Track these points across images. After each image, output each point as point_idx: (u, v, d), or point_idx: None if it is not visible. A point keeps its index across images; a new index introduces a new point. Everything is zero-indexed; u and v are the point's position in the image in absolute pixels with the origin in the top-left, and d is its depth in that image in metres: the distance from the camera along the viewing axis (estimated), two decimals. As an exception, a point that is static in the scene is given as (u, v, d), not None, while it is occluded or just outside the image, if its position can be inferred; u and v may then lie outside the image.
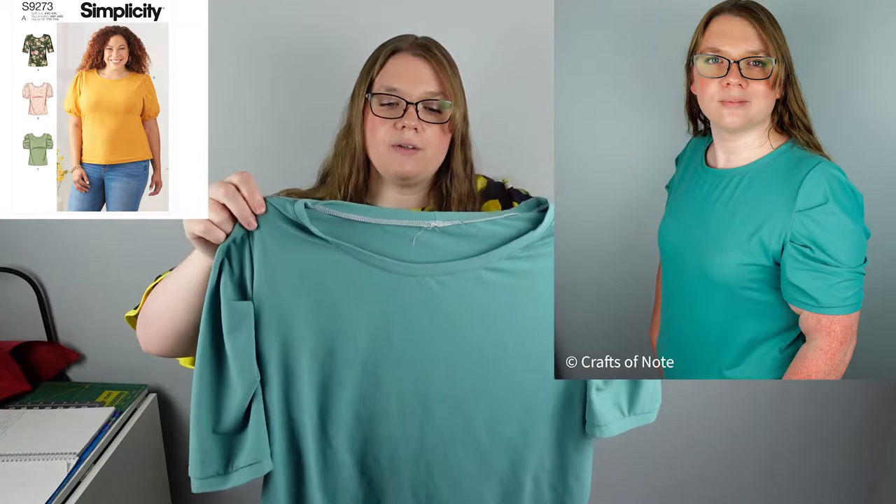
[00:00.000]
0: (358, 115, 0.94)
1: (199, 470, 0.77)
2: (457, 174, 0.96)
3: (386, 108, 0.91)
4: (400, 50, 0.93)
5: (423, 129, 0.90)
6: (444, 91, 0.92)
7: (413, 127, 0.89)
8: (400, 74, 0.91)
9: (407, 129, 0.89)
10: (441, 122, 0.92)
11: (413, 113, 0.90)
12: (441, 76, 0.92)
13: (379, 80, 0.92)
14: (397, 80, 0.91)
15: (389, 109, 0.91)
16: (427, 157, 0.92)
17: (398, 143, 0.90)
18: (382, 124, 0.91)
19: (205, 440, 0.76)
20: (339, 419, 0.80)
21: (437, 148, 0.93)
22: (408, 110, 0.90)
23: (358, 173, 0.96)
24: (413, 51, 0.93)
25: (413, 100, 0.90)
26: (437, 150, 0.93)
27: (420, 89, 0.90)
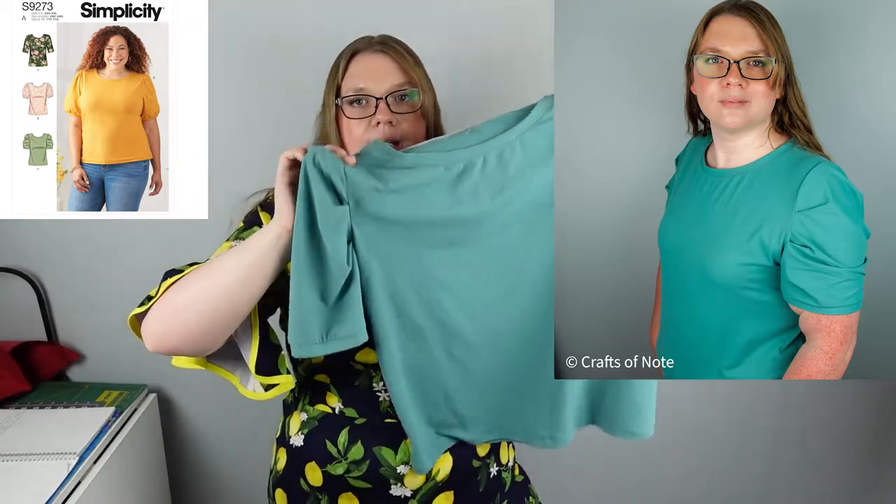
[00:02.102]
0: (332, 123, 0.94)
1: (300, 336, 0.79)
2: None
3: (357, 109, 0.92)
4: (359, 51, 0.94)
5: (397, 121, 0.91)
6: (409, 80, 0.93)
7: (388, 121, 0.90)
8: (364, 74, 0.92)
9: (382, 125, 0.90)
10: (413, 110, 0.92)
11: (384, 107, 0.90)
12: (405, 66, 0.93)
13: (345, 84, 0.93)
14: (362, 80, 0.92)
15: (361, 109, 0.91)
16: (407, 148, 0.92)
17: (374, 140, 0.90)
18: (357, 125, 0.91)
19: (305, 310, 0.79)
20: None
21: (414, 138, 0.93)
22: (378, 106, 0.90)
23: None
24: (372, 48, 0.94)
25: (381, 94, 0.91)
26: (414, 140, 0.93)
27: (386, 84, 0.91)
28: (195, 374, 1.52)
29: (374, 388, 0.95)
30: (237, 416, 1.54)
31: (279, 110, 1.38)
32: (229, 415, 1.54)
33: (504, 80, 1.34)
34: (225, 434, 1.59)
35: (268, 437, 1.56)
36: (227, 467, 1.62)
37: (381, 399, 0.96)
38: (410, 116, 0.92)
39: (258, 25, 1.33)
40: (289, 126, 1.39)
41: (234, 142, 1.37)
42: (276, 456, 1.04)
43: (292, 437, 1.00)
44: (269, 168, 1.39)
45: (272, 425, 1.47)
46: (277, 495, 1.02)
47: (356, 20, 1.32)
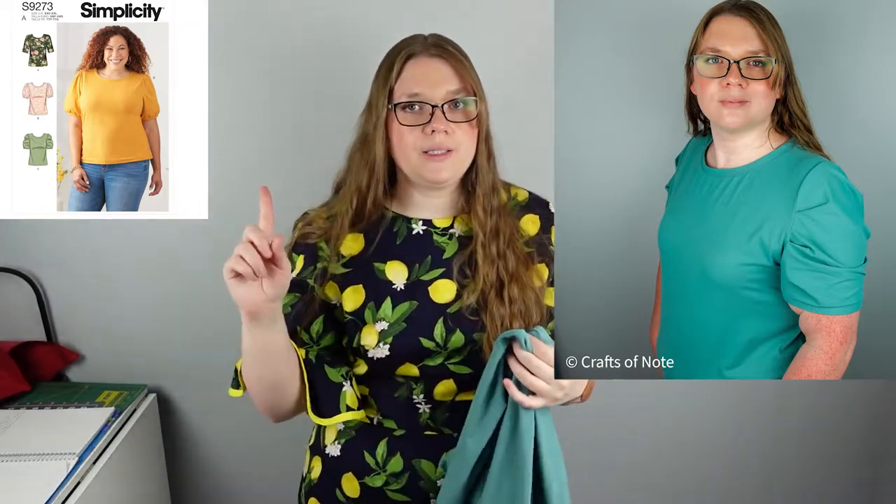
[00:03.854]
0: (379, 127, 0.91)
1: None
2: (481, 169, 0.94)
3: (411, 115, 0.89)
4: (415, 54, 0.91)
5: (452, 130, 0.89)
6: (465, 87, 0.90)
7: (443, 130, 0.88)
8: (420, 78, 0.89)
9: (437, 133, 0.88)
10: (468, 119, 0.90)
11: (440, 115, 0.88)
12: (461, 72, 0.90)
13: (399, 87, 0.90)
14: (418, 85, 0.89)
15: (415, 116, 0.89)
16: (461, 158, 0.91)
17: (430, 148, 0.88)
18: (410, 132, 0.89)
19: None
20: None
21: (468, 147, 0.91)
22: (434, 114, 0.88)
23: (377, 185, 0.93)
24: (428, 52, 0.91)
25: (437, 102, 0.88)
26: (468, 149, 0.92)
27: (442, 90, 0.89)
28: (195, 375, 1.52)
29: (413, 399, 0.94)
30: (237, 416, 1.54)
31: (279, 110, 1.38)
32: (229, 415, 1.54)
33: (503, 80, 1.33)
34: (225, 434, 1.59)
35: (267, 438, 1.57)
36: (227, 467, 1.62)
37: (421, 411, 0.94)
38: (465, 125, 0.90)
39: (258, 25, 1.33)
40: (289, 126, 1.40)
41: (235, 142, 1.37)
42: (311, 464, 1.02)
43: (328, 447, 0.99)
44: (269, 168, 1.40)
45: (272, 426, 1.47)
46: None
47: (356, 20, 1.33)
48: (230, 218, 1.41)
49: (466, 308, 0.91)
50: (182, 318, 1.49)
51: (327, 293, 0.94)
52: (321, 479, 0.99)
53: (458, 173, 0.92)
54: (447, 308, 0.92)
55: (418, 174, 0.91)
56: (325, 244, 0.95)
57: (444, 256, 0.95)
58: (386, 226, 0.96)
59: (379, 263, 0.94)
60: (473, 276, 0.93)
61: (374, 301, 0.92)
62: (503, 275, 0.92)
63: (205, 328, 1.49)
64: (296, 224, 1.00)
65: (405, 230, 0.96)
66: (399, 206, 0.98)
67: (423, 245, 0.96)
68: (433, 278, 0.94)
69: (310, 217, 0.99)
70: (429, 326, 0.91)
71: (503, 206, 0.97)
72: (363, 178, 0.94)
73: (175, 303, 1.48)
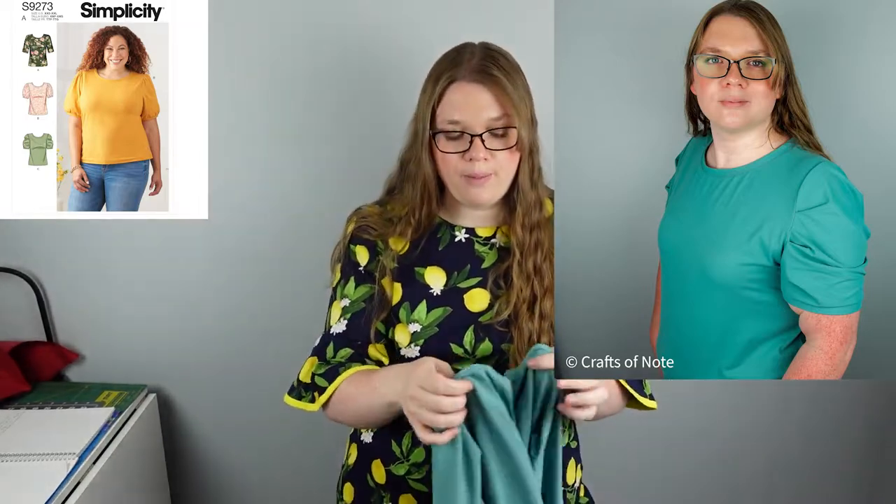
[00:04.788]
0: (425, 146, 0.93)
1: None
2: (523, 187, 0.95)
3: (452, 143, 0.90)
4: (456, 79, 0.90)
5: (492, 156, 0.90)
6: (506, 114, 0.90)
7: (482, 158, 0.89)
8: (460, 105, 0.89)
9: (475, 161, 0.89)
10: (507, 146, 0.90)
11: (479, 144, 0.88)
12: (502, 100, 0.89)
13: (440, 112, 0.90)
14: (458, 112, 0.89)
15: (455, 143, 0.90)
16: (500, 181, 0.92)
17: (470, 174, 0.90)
18: (452, 157, 0.91)
19: None
20: None
21: (509, 169, 0.92)
22: (473, 142, 0.89)
23: (430, 201, 0.96)
24: (471, 77, 0.90)
25: (477, 131, 0.88)
26: (509, 171, 0.93)
27: (483, 118, 0.89)
28: (195, 375, 1.52)
29: None
30: (237, 416, 1.54)
31: (279, 110, 1.38)
32: (229, 415, 1.54)
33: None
34: (225, 434, 1.59)
35: (268, 439, 1.57)
36: (227, 467, 1.62)
37: None
38: (505, 152, 0.91)
39: (258, 25, 1.33)
40: (289, 126, 1.40)
41: (235, 142, 1.37)
42: (349, 451, 1.07)
43: (363, 434, 1.03)
44: (268, 168, 1.40)
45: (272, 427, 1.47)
46: (346, 489, 1.04)
47: (356, 20, 1.33)
48: (230, 218, 1.42)
49: (497, 320, 0.94)
50: (182, 318, 1.49)
51: (384, 285, 0.98)
52: (355, 464, 1.03)
53: (499, 194, 0.94)
54: (479, 317, 0.95)
55: (461, 195, 0.94)
56: (381, 241, 0.99)
57: (482, 266, 0.97)
58: (431, 231, 0.99)
59: (419, 268, 0.97)
60: (507, 290, 0.95)
61: (410, 302, 0.96)
62: (538, 289, 0.94)
63: (205, 328, 1.49)
64: (350, 217, 1.03)
65: (448, 237, 0.99)
66: (446, 213, 1.01)
67: (463, 253, 0.98)
68: (470, 286, 0.96)
69: (364, 212, 1.02)
70: (459, 333, 0.94)
71: (547, 218, 0.98)
72: (417, 193, 0.97)
73: (175, 303, 1.48)
